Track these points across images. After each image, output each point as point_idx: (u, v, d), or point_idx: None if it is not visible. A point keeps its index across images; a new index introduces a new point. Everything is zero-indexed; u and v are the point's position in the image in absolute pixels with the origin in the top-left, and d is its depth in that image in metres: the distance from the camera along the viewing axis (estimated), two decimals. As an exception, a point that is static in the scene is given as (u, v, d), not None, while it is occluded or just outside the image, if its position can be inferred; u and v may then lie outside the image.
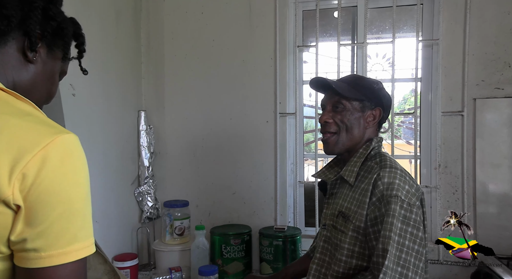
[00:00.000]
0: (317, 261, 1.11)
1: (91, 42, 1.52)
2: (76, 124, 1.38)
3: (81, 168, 0.55)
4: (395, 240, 0.93)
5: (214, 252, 1.66)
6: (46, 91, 0.68)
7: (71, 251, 0.51)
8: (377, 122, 1.12)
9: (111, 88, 1.66)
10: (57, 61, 0.69)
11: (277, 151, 1.80)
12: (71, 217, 0.52)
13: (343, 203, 1.06)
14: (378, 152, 1.09)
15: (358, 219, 0.99)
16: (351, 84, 1.10)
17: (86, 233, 0.54)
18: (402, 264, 0.92)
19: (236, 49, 1.84)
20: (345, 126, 1.08)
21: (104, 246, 1.58)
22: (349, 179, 1.06)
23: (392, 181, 0.97)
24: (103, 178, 1.58)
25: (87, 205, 0.55)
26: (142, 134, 1.85)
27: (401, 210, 0.95)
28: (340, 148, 1.10)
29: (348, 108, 1.08)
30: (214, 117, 1.87)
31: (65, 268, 0.51)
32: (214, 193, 1.88)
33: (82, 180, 0.55)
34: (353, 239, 1.00)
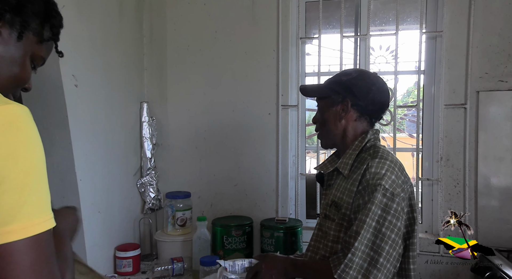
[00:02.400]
0: (312, 248, 1.17)
1: (94, 34, 1.53)
2: (78, 116, 1.39)
3: (23, 140, 0.50)
4: (371, 225, 0.96)
5: (216, 243, 1.67)
6: (11, 76, 0.63)
7: (12, 230, 0.47)
8: (353, 111, 1.12)
9: (113, 80, 1.66)
10: (25, 44, 0.64)
11: (279, 143, 1.80)
12: (8, 193, 0.48)
13: (336, 193, 1.11)
14: (373, 144, 1.11)
15: (346, 207, 1.04)
16: (326, 82, 1.17)
17: (32, 209, 0.50)
18: (375, 249, 0.95)
19: (239, 41, 1.83)
20: (321, 123, 1.17)
21: (107, 236, 1.61)
22: (343, 171, 1.10)
23: (379, 171, 1.00)
24: (106, 169, 1.59)
25: (32, 180, 0.50)
26: (145, 126, 1.86)
27: (383, 198, 0.98)
28: (325, 143, 1.19)
29: (320, 106, 1.17)
30: (216, 109, 1.87)
31: (11, 247, 0.47)
32: (216, 185, 1.88)
33: (23, 152, 0.50)
34: (338, 226, 1.06)
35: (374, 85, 1.12)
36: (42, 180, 0.52)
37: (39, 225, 0.50)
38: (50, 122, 1.34)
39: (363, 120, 1.15)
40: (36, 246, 0.49)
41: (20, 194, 0.49)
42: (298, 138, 1.80)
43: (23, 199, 0.49)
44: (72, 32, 1.37)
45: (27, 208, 0.49)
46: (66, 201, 1.40)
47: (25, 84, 0.67)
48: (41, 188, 0.51)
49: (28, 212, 0.49)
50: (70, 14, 1.36)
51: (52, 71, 1.29)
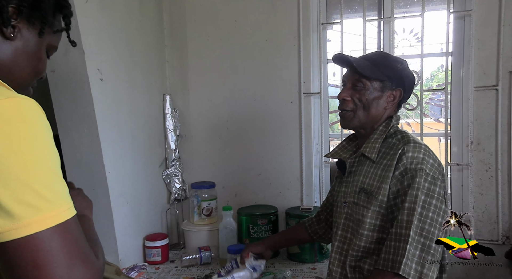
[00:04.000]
0: (339, 238, 1.13)
1: (117, 28, 1.54)
2: (104, 109, 1.41)
3: (28, 132, 0.50)
4: (419, 211, 0.94)
5: (242, 232, 1.69)
6: (31, 68, 0.65)
7: (39, 220, 0.48)
8: (397, 102, 1.13)
9: (136, 73, 1.68)
10: (43, 38, 0.66)
11: (302, 131, 1.78)
12: (16, 186, 0.48)
13: (364, 180, 1.08)
14: (397, 129, 1.11)
15: (382, 194, 1.01)
16: (374, 62, 1.09)
17: (53, 199, 0.50)
18: (425, 235, 0.93)
19: (259, 29, 1.81)
20: (363, 105, 1.09)
21: (136, 226, 1.64)
22: (370, 155, 1.07)
23: (417, 155, 0.99)
24: (132, 161, 1.62)
25: (44, 171, 0.51)
26: (168, 117, 1.88)
27: (425, 183, 0.96)
28: (355, 124, 1.12)
29: (368, 87, 1.08)
30: (238, 98, 1.87)
31: (42, 235, 0.48)
32: (240, 174, 1.89)
33: (31, 144, 0.50)
34: (375, 213, 1.02)
35: (414, 79, 1.15)
36: (54, 170, 0.52)
37: (63, 212, 0.51)
38: (78, 116, 1.37)
39: (394, 107, 1.14)
40: (65, 231, 0.50)
41: (37, 185, 0.49)
42: (322, 126, 1.78)
43: (42, 189, 0.49)
44: (96, 26, 1.39)
45: (49, 198, 0.50)
46: (96, 193, 1.44)
47: (42, 74, 0.69)
48: (55, 178, 0.52)
49: (51, 201, 0.50)
50: (93, 9, 1.37)
51: (77, 66, 1.31)
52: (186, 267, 1.60)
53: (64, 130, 1.40)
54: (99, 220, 1.45)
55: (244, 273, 1.31)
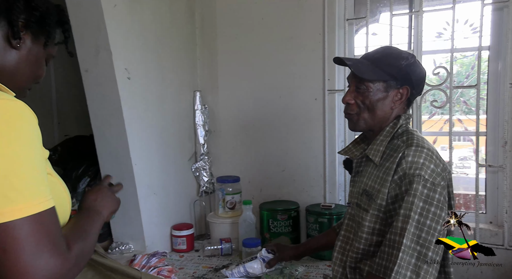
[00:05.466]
0: (342, 238, 1.14)
1: (146, 29, 1.64)
2: (132, 105, 1.52)
3: (8, 131, 0.56)
4: (415, 218, 0.91)
5: (263, 226, 1.73)
6: (31, 74, 0.75)
7: (14, 210, 0.54)
8: (406, 100, 1.08)
9: (166, 71, 1.78)
10: (42, 47, 0.75)
11: (326, 128, 1.78)
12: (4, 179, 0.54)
13: (367, 182, 1.06)
14: (405, 130, 1.06)
15: (380, 197, 0.99)
16: (376, 62, 1.06)
17: (30, 192, 0.56)
18: (422, 243, 0.90)
19: (284, 26, 1.83)
20: (367, 107, 1.06)
21: (163, 215, 1.75)
22: (374, 158, 1.05)
23: (417, 160, 0.95)
24: (160, 154, 1.72)
25: (15, 167, 0.56)
26: (198, 113, 1.96)
27: (424, 189, 0.93)
28: (362, 126, 1.09)
29: (371, 89, 1.04)
30: (264, 95, 1.90)
31: (15, 224, 0.54)
32: (265, 170, 1.93)
33: (6, 142, 0.55)
34: (373, 217, 1.01)
35: (425, 73, 1.10)
36: (34, 166, 0.58)
37: (37, 205, 0.56)
38: (108, 112, 1.49)
39: (403, 106, 1.09)
40: (36, 222, 0.56)
41: (14, 179, 0.55)
42: (346, 124, 1.76)
43: (18, 182, 0.55)
44: (124, 29, 1.50)
45: (23, 191, 0.56)
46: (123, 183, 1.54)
47: (40, 79, 0.78)
48: (34, 173, 0.58)
49: (24, 194, 0.56)
50: (122, 13, 1.48)
51: (106, 66, 1.42)
52: (208, 257, 1.68)
53: (96, 125, 1.53)
54: (127, 208, 1.58)
55: (256, 265, 1.36)
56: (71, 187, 1.71)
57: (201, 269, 1.54)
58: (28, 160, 0.58)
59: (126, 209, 1.59)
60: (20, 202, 0.55)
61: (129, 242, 1.63)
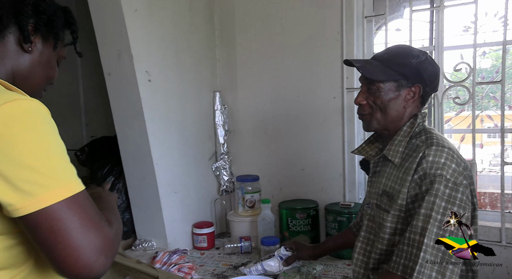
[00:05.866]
0: (362, 238, 1.13)
1: (166, 32, 1.68)
2: (152, 107, 1.57)
3: (30, 127, 0.60)
4: (437, 218, 0.90)
5: (282, 225, 1.74)
6: (44, 76, 0.78)
7: (53, 195, 0.58)
8: (419, 98, 1.07)
9: (186, 73, 1.81)
10: (52, 49, 0.79)
11: (345, 126, 1.77)
12: (25, 170, 0.58)
13: (387, 182, 1.05)
14: (423, 129, 1.05)
15: (401, 197, 0.99)
16: (385, 62, 1.06)
17: (63, 177, 0.61)
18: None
19: (303, 25, 1.83)
20: (379, 108, 1.06)
21: (184, 213, 1.79)
22: (394, 159, 1.04)
23: (438, 159, 0.94)
24: (181, 154, 1.76)
25: (43, 158, 0.60)
26: (217, 113, 2.00)
27: (446, 189, 0.92)
28: (375, 126, 1.09)
29: (382, 89, 1.04)
30: (282, 95, 1.91)
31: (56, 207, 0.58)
32: (285, 169, 1.94)
33: (32, 136, 0.59)
34: (395, 217, 1.00)
35: (439, 69, 1.09)
36: (59, 155, 0.62)
37: (71, 188, 0.61)
38: (129, 114, 1.54)
39: (420, 104, 1.09)
40: (75, 202, 0.60)
41: (45, 169, 0.59)
42: (365, 122, 1.74)
43: (50, 171, 0.60)
44: (144, 33, 1.54)
45: (56, 177, 0.60)
46: (145, 182, 1.61)
47: (53, 80, 0.82)
48: (60, 161, 0.62)
49: (58, 180, 0.60)
50: (142, 17, 1.53)
51: (127, 69, 1.47)
52: (228, 254, 1.70)
53: (119, 126, 1.59)
54: (149, 206, 1.63)
55: (273, 263, 1.37)
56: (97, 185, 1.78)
57: (221, 267, 1.57)
58: (55, 149, 0.62)
59: (148, 207, 1.65)
60: (56, 187, 0.59)
61: (151, 240, 1.68)
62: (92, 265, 0.59)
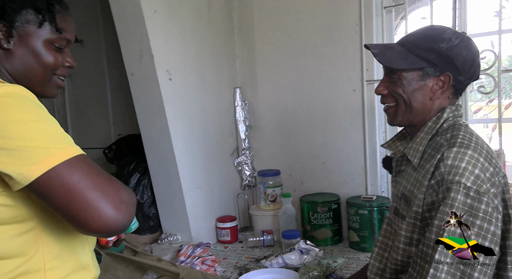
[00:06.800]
0: (379, 244, 1.04)
1: (185, 31, 1.72)
2: (174, 105, 1.61)
3: (14, 108, 0.61)
4: (456, 233, 0.79)
5: (303, 219, 1.75)
6: (41, 66, 0.73)
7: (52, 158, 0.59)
8: (450, 88, 0.93)
9: (206, 70, 1.85)
10: (34, 35, 0.72)
11: (365, 119, 1.75)
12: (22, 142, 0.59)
13: (406, 185, 0.95)
14: (452, 124, 0.92)
15: (416, 204, 0.88)
16: (411, 47, 0.93)
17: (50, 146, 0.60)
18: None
19: (321, 19, 1.82)
20: (402, 98, 0.94)
21: (208, 208, 1.83)
22: (412, 159, 0.93)
23: (457, 163, 0.82)
24: (203, 150, 1.80)
25: (38, 130, 0.61)
26: (238, 109, 2.02)
27: (466, 198, 0.80)
28: (399, 120, 0.97)
29: (404, 78, 0.92)
30: (302, 89, 1.91)
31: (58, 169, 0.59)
32: (306, 163, 1.94)
33: (18, 115, 0.61)
34: (410, 225, 0.90)
35: (478, 55, 0.93)
36: (51, 126, 0.64)
37: (73, 150, 0.62)
38: (151, 112, 1.59)
39: (452, 95, 0.95)
40: (81, 163, 0.61)
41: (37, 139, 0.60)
42: (386, 114, 1.72)
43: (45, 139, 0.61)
44: (164, 32, 1.58)
45: (52, 143, 0.61)
46: (169, 177, 1.66)
47: (56, 67, 0.75)
48: (54, 130, 0.63)
49: (56, 145, 0.61)
50: (162, 17, 1.57)
51: (148, 69, 1.52)
52: (251, 248, 1.74)
53: (143, 124, 1.65)
54: (173, 202, 1.68)
55: (294, 256, 1.39)
56: (124, 182, 1.85)
57: (243, 260, 1.60)
58: (46, 121, 0.63)
59: (173, 203, 1.70)
60: (56, 150, 0.60)
61: (176, 233, 1.73)
62: (115, 217, 0.59)
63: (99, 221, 0.59)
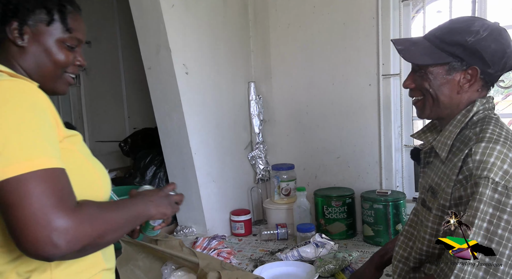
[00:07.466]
0: (405, 233, 1.07)
1: (202, 26, 1.73)
2: (190, 99, 1.63)
3: (5, 103, 0.60)
4: (483, 227, 0.80)
5: (318, 213, 1.76)
6: (52, 63, 0.76)
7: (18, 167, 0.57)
8: (478, 81, 0.92)
9: (221, 64, 1.86)
10: (47, 33, 0.75)
11: (381, 114, 1.75)
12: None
13: (434, 177, 0.96)
14: (482, 118, 0.92)
15: (444, 198, 0.89)
16: (436, 41, 0.93)
17: (21, 153, 0.59)
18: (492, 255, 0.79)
19: (337, 13, 1.81)
20: (430, 93, 0.94)
21: (222, 201, 1.85)
22: (440, 153, 0.93)
23: (486, 159, 0.82)
24: (218, 144, 1.82)
25: (18, 133, 0.59)
26: (252, 103, 2.03)
27: (494, 193, 0.80)
28: (428, 114, 0.97)
29: (430, 73, 0.92)
30: (317, 83, 1.91)
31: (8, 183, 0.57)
32: (320, 157, 1.95)
33: (6, 113, 0.60)
34: (437, 218, 0.92)
35: (508, 46, 0.91)
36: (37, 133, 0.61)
37: (43, 163, 0.59)
38: (169, 106, 1.61)
39: (481, 88, 0.94)
40: (43, 178, 0.59)
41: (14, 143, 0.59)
42: (402, 108, 1.71)
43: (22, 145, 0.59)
44: (181, 27, 1.60)
45: (28, 150, 0.59)
46: (185, 171, 1.69)
47: (67, 65, 0.78)
48: (36, 138, 0.61)
49: (30, 153, 0.59)
50: (179, 12, 1.58)
51: (166, 63, 1.54)
52: (265, 241, 1.75)
53: (160, 118, 1.67)
54: (189, 194, 1.71)
55: (309, 249, 1.40)
56: (140, 175, 1.88)
57: (258, 252, 1.62)
58: (28, 125, 0.61)
59: (188, 195, 1.72)
60: (19, 160, 0.58)
61: (192, 226, 1.76)
62: (44, 243, 0.56)
63: (26, 244, 0.57)
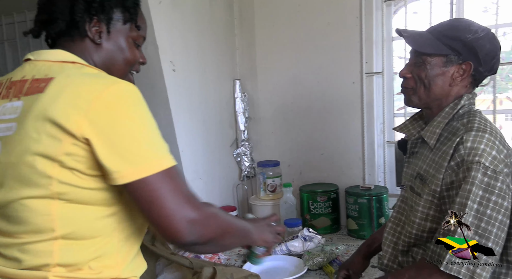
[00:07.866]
0: (393, 219, 1.12)
1: (188, 23, 1.73)
2: (177, 96, 1.62)
3: (132, 107, 0.67)
4: (473, 208, 0.86)
5: (303, 208, 1.80)
6: (123, 61, 0.81)
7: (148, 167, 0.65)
8: (469, 77, 1.00)
9: (207, 62, 1.86)
10: (118, 33, 0.79)
11: (364, 111, 1.80)
12: (130, 143, 0.65)
13: (422, 165, 1.01)
14: (468, 111, 0.99)
15: (435, 183, 0.95)
16: (439, 35, 0.99)
17: (151, 154, 0.67)
18: (481, 233, 0.85)
19: (321, 12, 1.85)
20: (423, 83, 1.00)
21: (209, 198, 1.85)
22: (429, 141, 1.00)
23: (476, 145, 0.89)
24: (204, 141, 1.82)
25: (145, 134, 0.68)
26: (238, 101, 2.04)
27: (484, 177, 0.87)
28: (415, 102, 1.04)
29: (428, 62, 0.99)
30: (301, 81, 1.94)
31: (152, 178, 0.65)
32: (304, 154, 1.98)
33: (134, 115, 0.67)
34: (427, 202, 0.97)
35: (499, 50, 1.00)
36: (155, 134, 0.70)
37: (168, 161, 0.68)
38: (155, 103, 1.60)
39: (469, 85, 1.02)
40: (170, 175, 0.67)
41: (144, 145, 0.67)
42: (384, 106, 1.77)
43: (149, 147, 0.67)
44: (168, 23, 1.59)
45: (154, 152, 0.67)
46: (172, 168, 1.68)
47: (134, 63, 0.84)
48: (156, 139, 0.70)
49: (156, 154, 0.67)
50: (166, 8, 1.57)
51: (153, 59, 1.53)
52: (252, 236, 1.77)
53: (146, 115, 1.65)
54: (176, 192, 1.70)
55: (297, 243, 1.43)
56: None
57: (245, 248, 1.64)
58: (152, 126, 0.70)
59: (176, 192, 1.72)
60: (154, 159, 0.66)
61: (179, 223, 1.75)
62: (182, 232, 0.66)
63: (168, 233, 0.66)
